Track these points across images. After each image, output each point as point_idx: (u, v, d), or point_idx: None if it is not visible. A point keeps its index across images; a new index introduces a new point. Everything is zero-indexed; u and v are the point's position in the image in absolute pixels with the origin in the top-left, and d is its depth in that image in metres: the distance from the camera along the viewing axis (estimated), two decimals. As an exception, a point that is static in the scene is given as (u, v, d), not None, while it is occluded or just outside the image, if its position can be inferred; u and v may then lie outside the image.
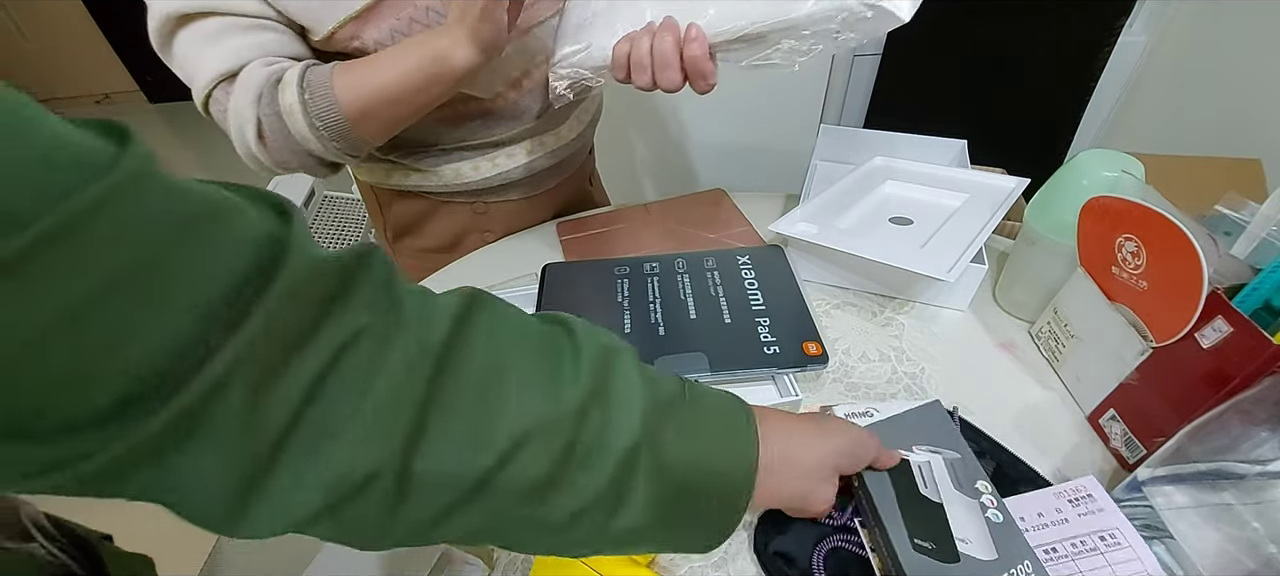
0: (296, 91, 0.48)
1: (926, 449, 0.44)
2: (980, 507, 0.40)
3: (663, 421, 0.28)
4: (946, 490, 0.41)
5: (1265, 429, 0.35)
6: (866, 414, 0.47)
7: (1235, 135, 1.21)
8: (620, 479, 0.26)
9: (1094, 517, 0.39)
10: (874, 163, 0.75)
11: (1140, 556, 0.37)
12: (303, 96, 0.48)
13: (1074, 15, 1.23)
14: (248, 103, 0.48)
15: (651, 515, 0.27)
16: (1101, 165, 0.51)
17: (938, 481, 0.41)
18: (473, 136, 0.65)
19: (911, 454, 0.43)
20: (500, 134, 0.66)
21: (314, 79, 0.49)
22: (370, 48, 0.53)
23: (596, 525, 0.26)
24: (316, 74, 0.49)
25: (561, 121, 0.71)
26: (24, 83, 1.32)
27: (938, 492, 0.41)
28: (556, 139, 0.71)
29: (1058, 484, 0.42)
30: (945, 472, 0.42)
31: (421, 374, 0.23)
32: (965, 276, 0.57)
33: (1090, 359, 0.50)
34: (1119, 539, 0.38)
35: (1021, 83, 1.34)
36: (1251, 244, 0.42)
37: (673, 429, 0.28)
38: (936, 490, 0.41)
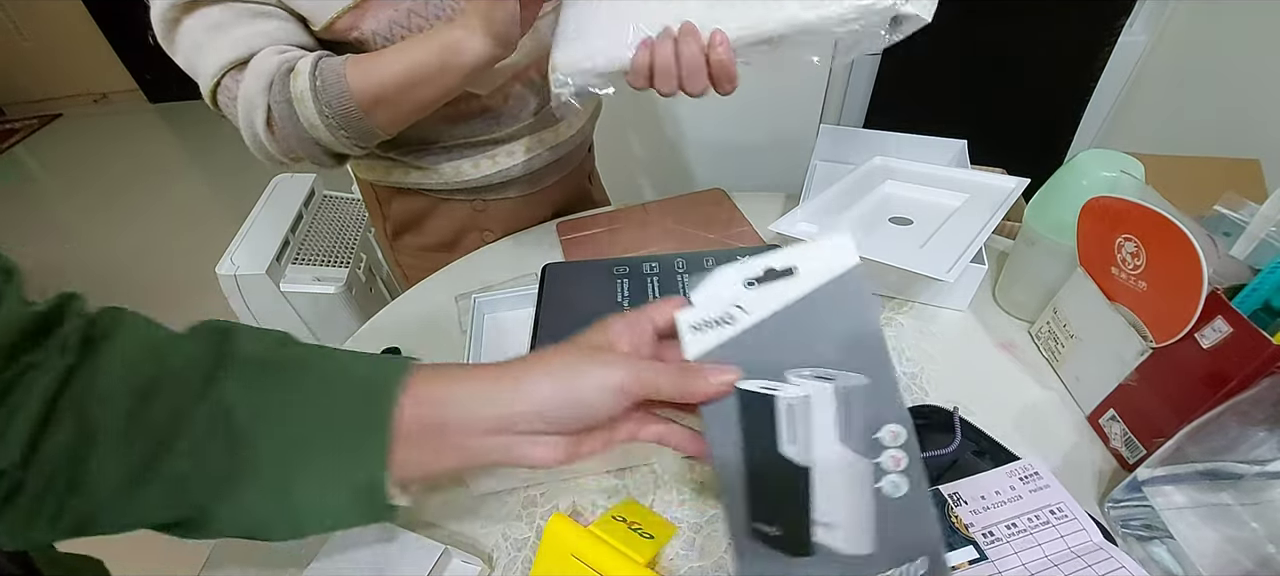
0: (309, 79, 0.48)
1: (810, 373, 0.29)
2: (874, 471, 0.28)
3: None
4: (825, 443, 0.29)
5: (1264, 429, 0.35)
6: (724, 320, 0.31)
7: (1235, 135, 1.21)
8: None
9: (1042, 493, 0.41)
10: (874, 163, 0.75)
11: (1085, 526, 0.39)
12: (314, 83, 0.48)
13: (1074, 15, 1.23)
14: (258, 89, 0.48)
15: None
16: (1101, 165, 0.51)
17: (814, 429, 0.29)
18: (473, 133, 0.65)
19: (782, 387, 0.30)
20: (500, 131, 0.66)
21: (326, 67, 0.49)
22: (368, 39, 0.53)
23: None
24: (329, 63, 0.49)
25: (561, 119, 0.71)
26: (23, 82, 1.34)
27: (808, 448, 0.29)
28: (556, 136, 0.71)
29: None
30: (832, 414, 0.29)
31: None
32: (965, 276, 0.57)
33: (1090, 359, 0.50)
34: (1066, 511, 0.40)
35: (1021, 83, 1.34)
36: (1251, 244, 0.42)
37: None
38: (808, 443, 0.29)
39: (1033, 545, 0.39)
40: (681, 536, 0.43)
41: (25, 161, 2.90)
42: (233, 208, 1.37)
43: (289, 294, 1.14)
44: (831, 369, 0.29)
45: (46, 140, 3.05)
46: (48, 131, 3.12)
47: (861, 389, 0.29)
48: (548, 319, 0.56)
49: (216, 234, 1.21)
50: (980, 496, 0.42)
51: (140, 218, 2.36)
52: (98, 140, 2.96)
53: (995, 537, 0.39)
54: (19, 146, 2.99)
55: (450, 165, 0.67)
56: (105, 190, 2.57)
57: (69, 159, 2.87)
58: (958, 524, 0.40)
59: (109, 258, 2.16)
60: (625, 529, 0.39)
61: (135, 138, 2.89)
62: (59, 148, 2.98)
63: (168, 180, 2.54)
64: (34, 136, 3.07)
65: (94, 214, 2.44)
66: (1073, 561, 0.37)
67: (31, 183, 2.75)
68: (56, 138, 3.07)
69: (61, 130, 3.13)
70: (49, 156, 2.92)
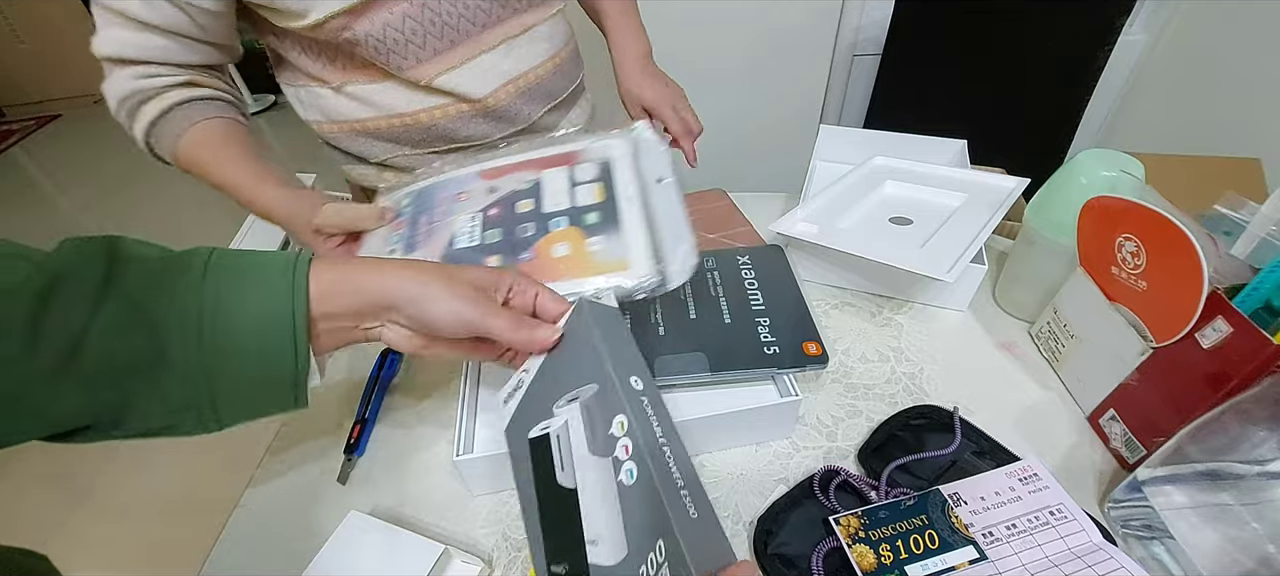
0: (143, 132, 0.53)
1: (566, 399, 0.32)
2: (614, 466, 0.28)
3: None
4: (582, 459, 0.30)
5: (1264, 429, 0.35)
6: (518, 385, 0.36)
7: (1235, 135, 1.21)
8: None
9: (1042, 494, 0.42)
10: (874, 163, 0.75)
11: (1084, 527, 0.39)
12: (147, 139, 0.53)
13: (1074, 15, 1.23)
14: (111, 97, 0.52)
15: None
16: (1101, 165, 0.51)
17: (573, 450, 0.30)
18: (468, 140, 0.65)
19: (551, 421, 0.32)
20: (496, 136, 0.66)
21: (162, 133, 0.52)
22: (360, 39, 0.53)
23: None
24: (166, 130, 0.52)
25: (554, 125, 0.71)
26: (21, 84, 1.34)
27: (573, 470, 0.30)
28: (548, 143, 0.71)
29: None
30: (582, 432, 0.30)
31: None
32: (965, 276, 0.57)
33: (1090, 359, 0.50)
34: (1065, 512, 0.40)
35: (1021, 83, 1.34)
36: (1251, 244, 0.42)
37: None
38: (572, 466, 0.30)
39: (1033, 546, 0.39)
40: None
41: (23, 162, 2.90)
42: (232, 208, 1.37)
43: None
44: (579, 383, 0.32)
45: (45, 141, 3.05)
46: (46, 132, 3.12)
47: (594, 394, 0.31)
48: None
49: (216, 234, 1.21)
50: (980, 497, 0.42)
51: (138, 218, 2.36)
52: (96, 141, 2.96)
53: (995, 538, 0.39)
54: (17, 148, 2.99)
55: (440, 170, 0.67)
56: (103, 191, 2.57)
57: (67, 160, 2.87)
58: (958, 524, 0.40)
59: (108, 258, 2.16)
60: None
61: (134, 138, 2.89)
62: (57, 149, 2.98)
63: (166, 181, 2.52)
64: (32, 137, 3.07)
65: (92, 215, 2.44)
66: (1073, 562, 0.37)
67: (30, 184, 2.75)
68: (55, 139, 3.07)
69: (60, 131, 3.13)
70: (47, 157, 2.92)
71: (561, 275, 0.42)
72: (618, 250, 0.43)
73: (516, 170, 0.51)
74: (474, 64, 0.60)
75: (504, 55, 0.61)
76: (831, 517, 0.41)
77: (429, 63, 0.58)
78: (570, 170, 0.50)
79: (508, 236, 0.46)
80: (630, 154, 0.50)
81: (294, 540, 0.45)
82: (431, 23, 0.55)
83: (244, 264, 0.32)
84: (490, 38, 0.60)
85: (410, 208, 0.50)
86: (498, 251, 0.45)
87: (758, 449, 0.50)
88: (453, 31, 0.57)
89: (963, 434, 0.47)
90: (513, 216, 0.47)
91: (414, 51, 0.56)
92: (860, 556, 0.39)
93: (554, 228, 0.45)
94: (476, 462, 0.44)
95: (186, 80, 0.52)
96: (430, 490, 0.49)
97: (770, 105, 1.51)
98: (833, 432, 0.50)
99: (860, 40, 1.48)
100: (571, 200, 0.47)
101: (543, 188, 0.49)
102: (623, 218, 0.45)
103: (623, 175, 0.48)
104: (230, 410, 0.32)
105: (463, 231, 0.46)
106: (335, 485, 0.49)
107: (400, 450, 0.52)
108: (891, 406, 0.52)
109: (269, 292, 0.31)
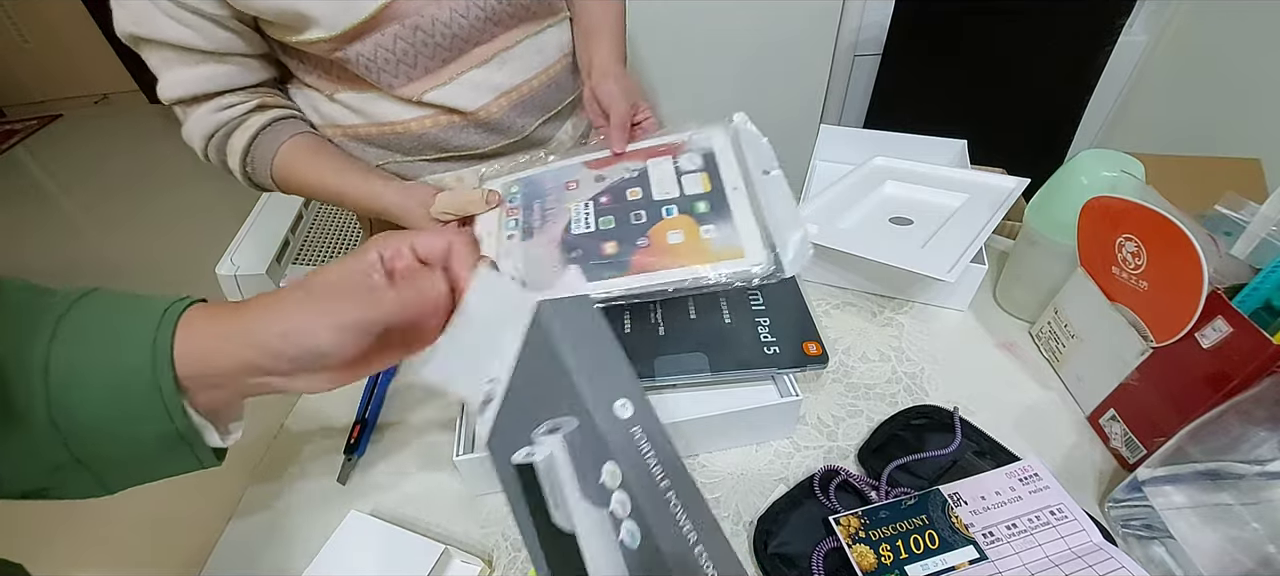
0: (239, 160, 0.56)
1: (545, 428, 0.27)
2: (612, 522, 0.24)
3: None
4: (576, 504, 0.25)
5: (1265, 429, 0.35)
6: (491, 395, 0.30)
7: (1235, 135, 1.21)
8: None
9: (1042, 494, 0.42)
10: (874, 163, 0.75)
11: (1085, 527, 0.39)
12: (244, 170, 0.57)
13: (1074, 15, 1.23)
14: (196, 138, 0.56)
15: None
16: (1101, 165, 0.51)
17: (564, 488, 0.26)
18: (461, 149, 0.64)
19: (534, 449, 0.27)
20: (488, 147, 0.65)
21: (257, 160, 0.56)
22: (350, 59, 0.53)
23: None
24: (260, 157, 0.56)
25: (549, 137, 0.70)
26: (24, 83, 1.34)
27: (567, 512, 0.25)
28: (559, 146, 0.70)
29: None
30: (570, 471, 0.26)
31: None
32: (965, 276, 0.57)
33: (1090, 359, 0.50)
34: (1066, 512, 0.40)
35: (1022, 83, 1.34)
36: (1251, 244, 0.42)
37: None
38: (566, 506, 0.25)
39: (1033, 545, 0.39)
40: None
41: (25, 162, 2.90)
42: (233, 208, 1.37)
43: (289, 294, 1.14)
44: (559, 417, 0.26)
45: (46, 141, 3.05)
46: (48, 132, 3.12)
47: (576, 430, 0.26)
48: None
49: (216, 234, 1.22)
50: (980, 497, 0.42)
51: (140, 218, 2.36)
52: (98, 141, 2.96)
53: (995, 538, 0.39)
54: (19, 147, 2.99)
55: (434, 178, 0.66)
56: (105, 191, 2.57)
57: (69, 160, 2.87)
58: (958, 524, 0.40)
59: (109, 258, 2.16)
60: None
61: (135, 138, 2.89)
62: (59, 148, 2.98)
63: (168, 181, 2.54)
64: (34, 137, 3.07)
65: (94, 215, 2.44)
66: (1073, 561, 0.37)
67: (32, 184, 2.75)
68: (57, 138, 3.07)
69: (61, 131, 3.13)
70: (49, 157, 2.92)
71: (680, 260, 0.43)
72: (731, 238, 0.43)
73: (621, 160, 0.52)
74: (464, 78, 0.59)
75: (496, 69, 0.61)
76: (832, 517, 0.41)
77: (418, 81, 0.57)
78: (674, 160, 0.50)
79: (622, 222, 0.46)
80: (730, 145, 0.50)
81: (294, 540, 0.45)
82: (423, 44, 0.55)
83: (100, 322, 0.28)
84: (481, 53, 0.59)
85: (520, 193, 0.52)
86: (613, 237, 0.45)
87: (758, 448, 0.50)
88: (444, 50, 0.57)
89: (963, 434, 0.47)
90: (624, 203, 0.48)
91: (405, 71, 0.56)
92: (860, 556, 0.39)
93: (666, 215, 0.46)
94: (476, 462, 0.45)
95: (258, 104, 0.56)
96: (430, 490, 0.49)
97: (770, 105, 1.51)
98: (833, 432, 0.50)
99: (860, 40, 1.47)
100: (679, 189, 0.48)
101: (650, 176, 0.49)
102: (732, 206, 0.45)
103: (727, 165, 0.49)
104: (115, 474, 0.29)
105: (578, 218, 0.47)
106: (335, 485, 0.49)
107: (400, 450, 0.52)
108: (892, 406, 0.52)
109: (126, 350, 0.27)
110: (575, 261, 0.44)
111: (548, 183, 0.52)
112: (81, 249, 2.24)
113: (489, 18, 0.58)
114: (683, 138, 0.52)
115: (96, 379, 0.27)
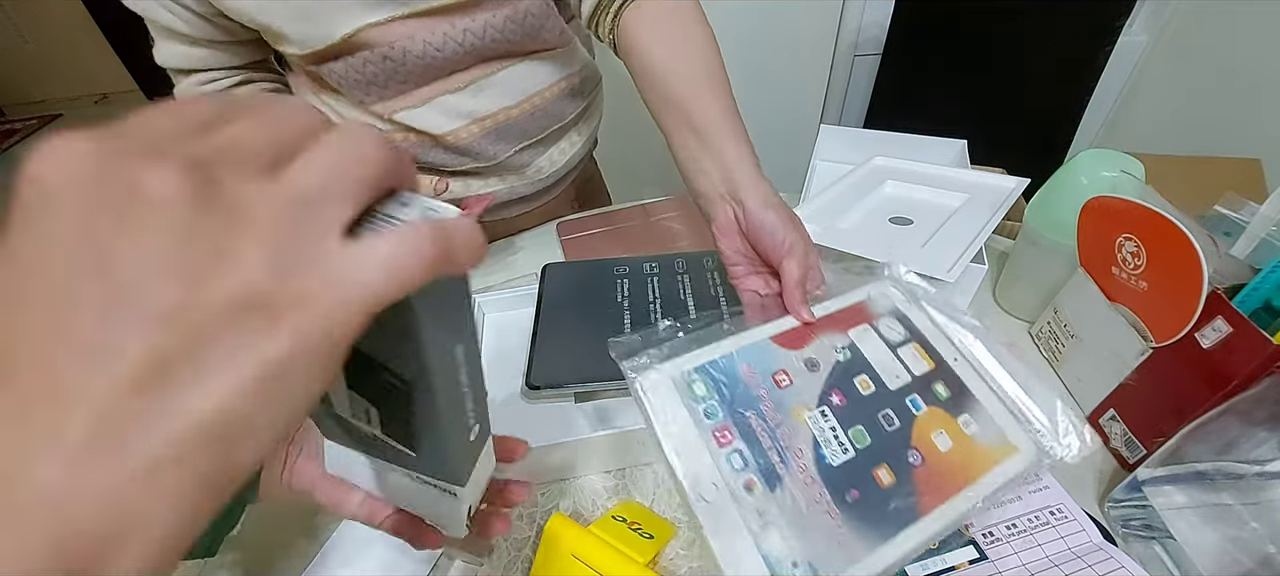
0: None
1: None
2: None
3: None
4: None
5: (1264, 429, 0.35)
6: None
7: (1235, 135, 1.21)
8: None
9: (1042, 494, 0.42)
10: (874, 163, 0.75)
11: (1085, 527, 0.39)
12: None
13: (1074, 15, 1.23)
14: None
15: None
16: (1101, 165, 0.51)
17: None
18: (432, 165, 0.63)
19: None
20: (458, 166, 0.64)
21: None
22: (324, 73, 0.54)
23: None
24: None
25: (527, 164, 0.67)
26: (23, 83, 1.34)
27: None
28: (520, 178, 0.68)
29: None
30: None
31: None
32: (965, 276, 0.57)
33: (1090, 359, 0.50)
34: (1066, 512, 0.40)
35: (1022, 83, 1.34)
36: (1251, 244, 0.42)
37: None
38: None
39: (1033, 545, 0.39)
40: (681, 536, 0.43)
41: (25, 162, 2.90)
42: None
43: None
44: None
45: (46, 141, 3.06)
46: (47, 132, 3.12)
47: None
48: (548, 318, 0.56)
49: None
50: None
51: (140, 218, 2.36)
52: (98, 141, 2.96)
53: (995, 538, 0.39)
54: (19, 147, 2.99)
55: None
56: (105, 191, 2.57)
57: (69, 159, 2.87)
58: (958, 524, 0.40)
59: (109, 258, 2.16)
60: (625, 529, 0.39)
61: (135, 138, 2.90)
62: (59, 148, 2.99)
63: (168, 180, 2.54)
64: (34, 137, 3.07)
65: (94, 214, 2.44)
66: (1073, 562, 0.37)
67: (31, 183, 2.75)
68: (56, 138, 3.07)
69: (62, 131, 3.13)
70: (49, 157, 2.92)
71: (965, 479, 0.33)
72: (993, 430, 0.35)
73: (813, 330, 0.40)
74: (436, 103, 0.58)
75: (470, 96, 0.59)
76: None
77: (388, 100, 0.57)
78: (873, 328, 0.41)
79: (875, 432, 0.35)
80: (907, 301, 0.42)
81: (294, 540, 0.45)
82: (393, 71, 0.54)
83: None
84: (457, 81, 0.58)
85: (712, 400, 0.35)
86: (882, 459, 0.34)
87: (758, 449, 0.49)
88: (416, 77, 0.56)
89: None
90: (861, 401, 0.37)
91: (376, 91, 0.56)
92: (860, 556, 0.38)
93: (915, 409, 0.36)
94: (477, 462, 0.44)
95: (242, 79, 0.58)
96: (430, 490, 0.49)
97: (770, 105, 1.51)
98: (833, 432, 0.50)
99: (860, 40, 1.48)
100: (906, 369, 0.38)
101: (864, 355, 0.39)
102: (968, 384, 0.38)
103: (928, 328, 0.41)
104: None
105: (824, 435, 0.35)
106: (336, 485, 0.49)
107: (401, 450, 0.52)
108: (891, 406, 0.52)
109: None
110: (861, 519, 0.31)
111: (740, 374, 0.37)
112: (81, 249, 2.24)
113: (468, 51, 0.56)
114: (861, 297, 0.42)
115: None
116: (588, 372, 0.50)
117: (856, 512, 0.31)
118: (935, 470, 0.34)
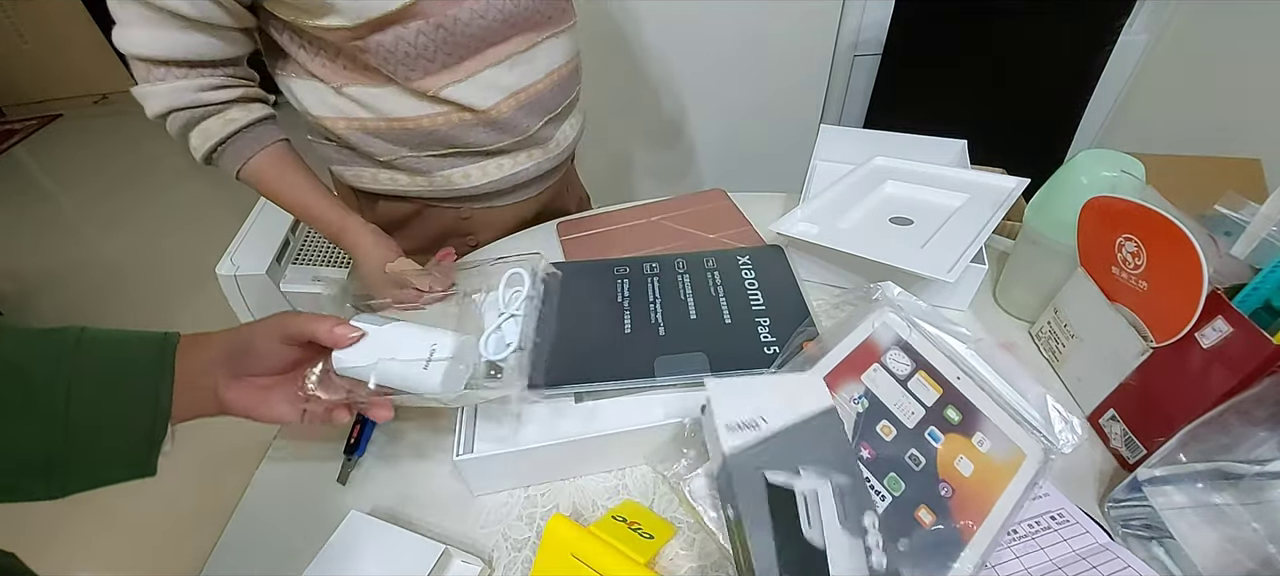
0: (210, 144, 0.56)
1: (815, 471, 0.37)
2: (865, 550, 0.34)
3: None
4: (831, 528, 0.35)
5: (1264, 429, 0.35)
6: (753, 424, 0.38)
7: (1235, 135, 1.21)
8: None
9: (1044, 500, 0.42)
10: (874, 163, 0.75)
11: (1089, 529, 0.40)
12: (208, 156, 0.57)
13: (1074, 15, 1.23)
14: (158, 102, 0.54)
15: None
16: (1101, 165, 0.51)
17: (823, 517, 0.35)
18: (473, 144, 0.65)
19: (798, 478, 0.36)
20: (492, 145, 0.66)
21: (228, 152, 0.56)
22: (370, 48, 0.54)
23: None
24: (233, 151, 0.56)
25: (550, 137, 0.71)
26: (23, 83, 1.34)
27: (821, 532, 0.34)
28: (544, 152, 0.71)
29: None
30: (833, 504, 0.36)
31: None
32: (965, 276, 0.57)
33: (1090, 359, 0.50)
34: (1067, 516, 0.41)
35: (1021, 83, 1.34)
36: (1251, 244, 0.42)
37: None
38: (821, 529, 0.35)
39: (1035, 549, 0.39)
40: (681, 536, 0.43)
41: (25, 162, 2.90)
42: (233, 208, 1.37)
43: (289, 294, 1.14)
44: (826, 468, 0.37)
45: (46, 141, 3.05)
46: (47, 132, 3.12)
47: (848, 484, 0.37)
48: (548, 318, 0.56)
49: (216, 234, 1.21)
50: None
51: (140, 218, 2.36)
52: (98, 141, 2.96)
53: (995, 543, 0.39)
54: (19, 147, 2.99)
55: (442, 174, 0.67)
56: (105, 191, 2.57)
57: (69, 160, 2.87)
58: (959, 524, 0.40)
59: (109, 258, 2.16)
60: (625, 529, 0.39)
61: (135, 138, 2.88)
62: (59, 148, 2.98)
63: (168, 181, 2.54)
64: (34, 137, 3.07)
65: (94, 215, 2.44)
66: (1077, 564, 0.37)
67: (31, 183, 2.74)
68: (56, 138, 3.07)
69: (61, 131, 3.13)
70: (49, 157, 2.92)
71: (991, 496, 0.38)
72: (1004, 443, 0.39)
73: (834, 384, 0.44)
74: (478, 78, 0.60)
75: (508, 70, 0.62)
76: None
77: (435, 75, 0.58)
78: (882, 365, 0.44)
79: (907, 475, 0.40)
80: (907, 325, 0.45)
81: (294, 540, 0.45)
82: (443, 41, 0.56)
83: (114, 336, 0.35)
84: (495, 54, 0.60)
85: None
86: (919, 500, 0.39)
87: (758, 449, 0.49)
88: (462, 48, 0.58)
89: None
90: (887, 448, 0.41)
91: (423, 65, 0.57)
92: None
93: (934, 441, 0.41)
94: (476, 463, 0.45)
95: (241, 95, 0.56)
96: (430, 490, 0.49)
97: (770, 105, 1.51)
98: (833, 432, 0.50)
99: (860, 40, 1.47)
100: (920, 404, 0.42)
101: (880, 399, 0.43)
102: (974, 401, 0.41)
103: (929, 350, 0.44)
104: (76, 476, 0.34)
105: (876, 495, 0.39)
106: (335, 485, 0.49)
107: (400, 450, 0.52)
108: (892, 406, 0.52)
109: (137, 346, 0.35)
110: (916, 565, 0.36)
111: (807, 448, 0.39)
112: (81, 249, 2.24)
113: (505, 20, 0.59)
114: (866, 332, 0.46)
115: (112, 392, 0.33)
116: (588, 373, 0.50)
117: (912, 560, 0.37)
118: (965, 496, 0.39)
